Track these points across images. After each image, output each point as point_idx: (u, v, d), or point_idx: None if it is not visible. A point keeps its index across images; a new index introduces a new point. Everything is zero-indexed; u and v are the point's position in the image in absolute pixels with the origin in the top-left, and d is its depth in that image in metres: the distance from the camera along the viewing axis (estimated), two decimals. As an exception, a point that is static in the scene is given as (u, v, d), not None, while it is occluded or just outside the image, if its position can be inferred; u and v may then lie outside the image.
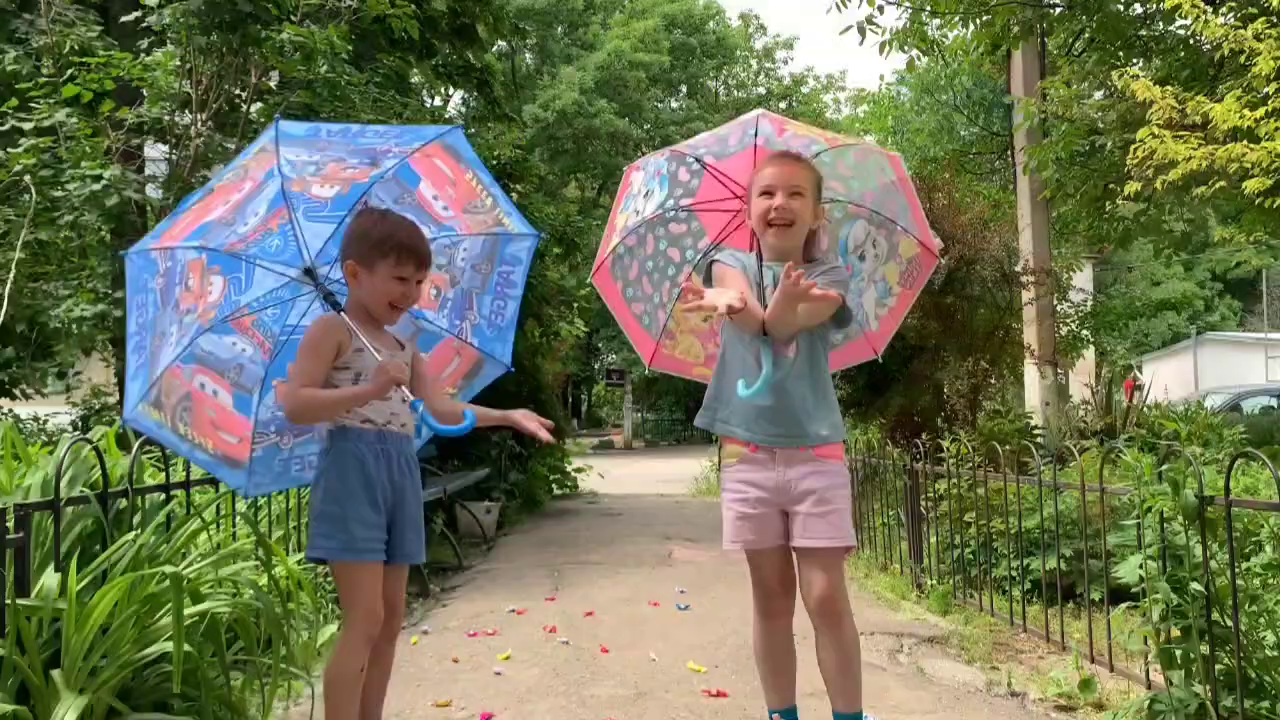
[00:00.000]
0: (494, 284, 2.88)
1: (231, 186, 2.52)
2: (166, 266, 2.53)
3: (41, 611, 2.40)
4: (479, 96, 11.70)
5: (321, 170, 2.56)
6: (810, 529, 2.40)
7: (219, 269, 2.60)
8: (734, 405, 2.46)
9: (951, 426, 6.79)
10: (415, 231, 2.51)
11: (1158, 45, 8.90)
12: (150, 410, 2.54)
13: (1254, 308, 34.84)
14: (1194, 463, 2.79)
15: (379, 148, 2.58)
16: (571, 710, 3.17)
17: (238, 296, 2.66)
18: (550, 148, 27.13)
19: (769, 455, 2.44)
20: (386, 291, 2.44)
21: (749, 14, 39.15)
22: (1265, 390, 18.54)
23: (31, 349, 7.77)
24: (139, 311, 2.53)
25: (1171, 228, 10.73)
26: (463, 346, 2.88)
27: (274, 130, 2.43)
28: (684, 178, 2.76)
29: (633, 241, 2.84)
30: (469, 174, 2.72)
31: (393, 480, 2.47)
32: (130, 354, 2.53)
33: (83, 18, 6.34)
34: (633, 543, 7.06)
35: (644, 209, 2.80)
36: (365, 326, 2.47)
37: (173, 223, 2.54)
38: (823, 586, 2.38)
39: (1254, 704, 2.56)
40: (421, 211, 2.68)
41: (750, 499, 2.45)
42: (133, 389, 2.54)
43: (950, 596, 4.57)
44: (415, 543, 2.53)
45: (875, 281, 2.81)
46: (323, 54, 5.66)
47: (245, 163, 2.52)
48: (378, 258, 2.42)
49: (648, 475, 14.87)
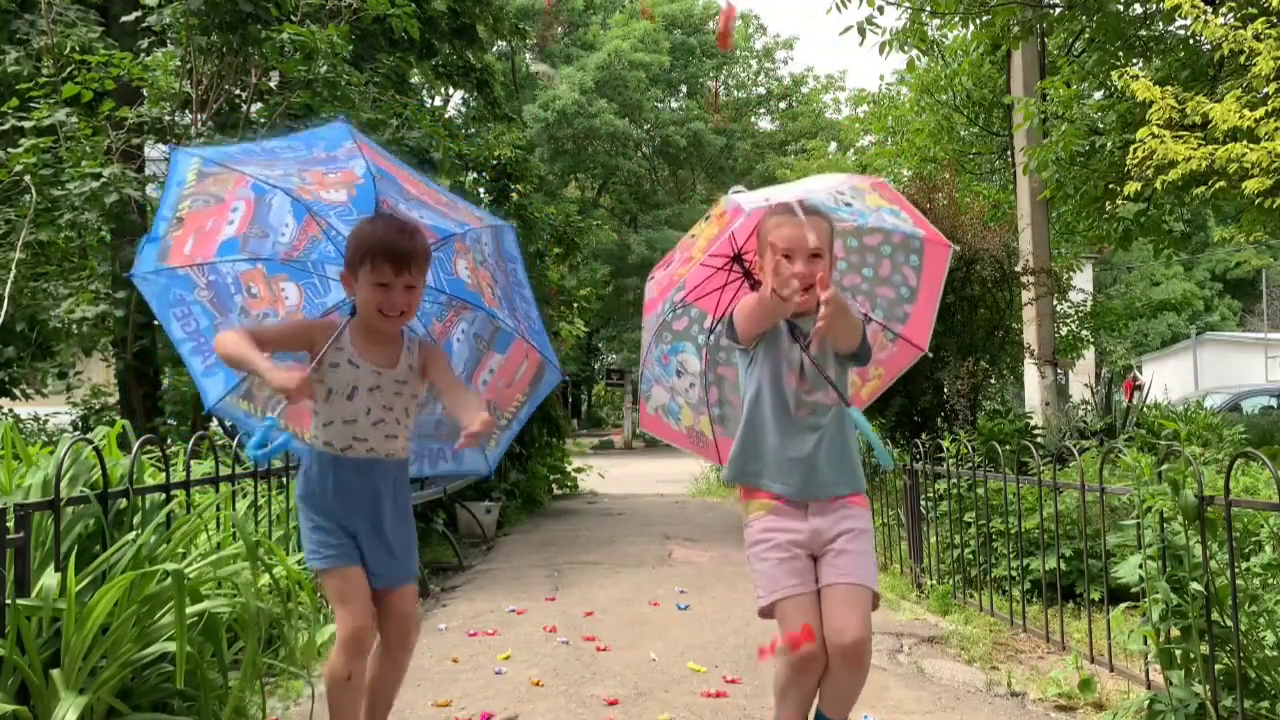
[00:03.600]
0: (513, 283, 2.82)
1: (206, 212, 2.52)
2: (209, 280, 2.59)
3: (41, 611, 2.40)
4: (479, 96, 11.69)
5: (307, 180, 2.54)
6: (846, 564, 2.33)
7: (286, 277, 2.69)
8: (765, 458, 2.41)
9: (951, 426, 6.80)
10: (395, 230, 2.40)
11: (1158, 45, 8.90)
12: (239, 402, 2.69)
13: (1254, 308, 34.85)
14: (1194, 463, 2.79)
15: (314, 155, 2.51)
16: (571, 710, 3.17)
17: (321, 300, 2.74)
18: (550, 148, 27.11)
19: (800, 508, 2.38)
20: (370, 299, 2.37)
21: (749, 14, 39.19)
22: (1265, 390, 18.54)
23: (31, 349, 7.77)
24: (184, 321, 2.59)
25: (1171, 228, 10.73)
26: (529, 349, 2.82)
27: (191, 157, 2.46)
28: (682, 326, 2.85)
29: (716, 394, 2.89)
30: (405, 171, 2.60)
31: (351, 507, 2.40)
32: (189, 355, 2.62)
33: (83, 18, 6.34)
34: (632, 543, 7.06)
35: (694, 372, 2.88)
36: (370, 343, 2.44)
37: (163, 247, 2.52)
38: (858, 630, 2.27)
39: (1254, 704, 2.56)
40: (427, 206, 2.59)
41: (782, 543, 2.36)
42: (211, 384, 2.66)
43: (950, 596, 4.57)
44: (390, 565, 2.44)
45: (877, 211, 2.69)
46: (323, 54, 5.66)
47: (194, 190, 2.48)
48: (358, 265, 2.38)
49: (648, 475, 14.87)
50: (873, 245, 2.78)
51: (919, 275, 2.79)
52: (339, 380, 2.40)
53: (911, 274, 2.80)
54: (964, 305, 7.28)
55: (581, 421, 30.38)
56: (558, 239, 9.59)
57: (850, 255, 2.79)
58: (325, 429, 2.41)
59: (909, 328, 2.86)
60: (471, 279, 2.78)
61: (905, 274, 2.80)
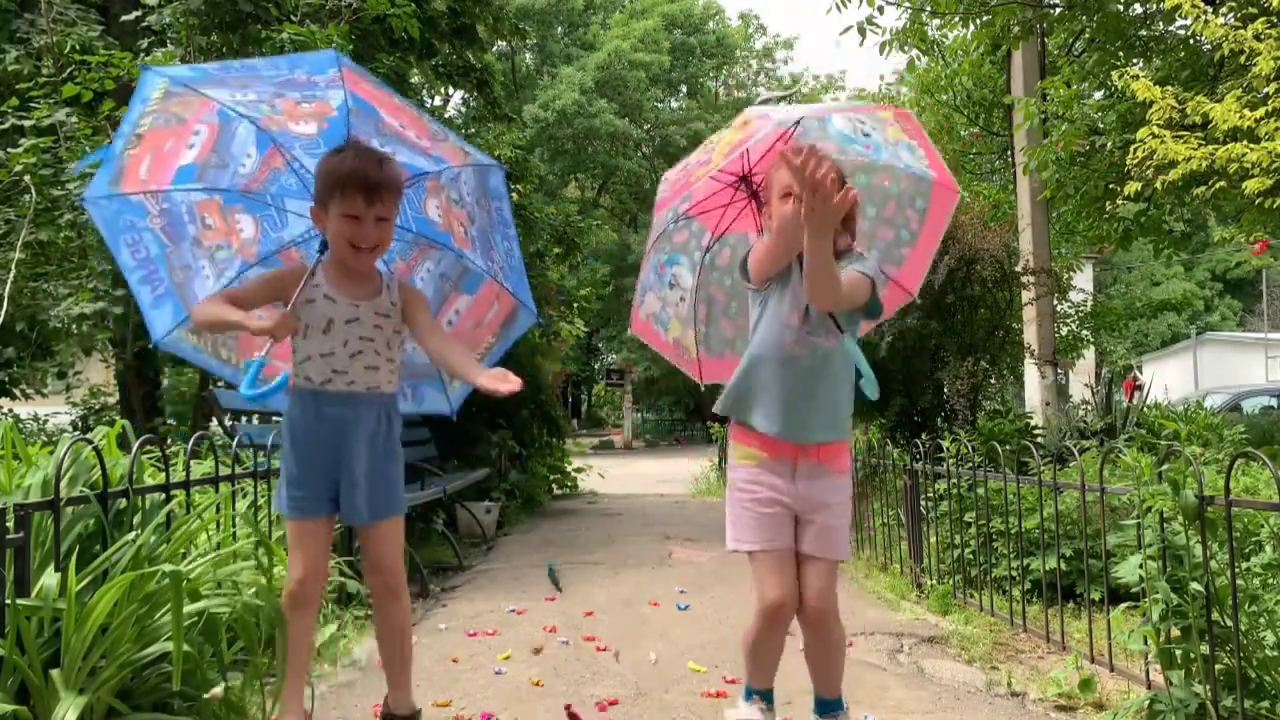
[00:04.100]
0: (496, 221, 2.78)
1: (166, 131, 2.45)
2: (162, 208, 2.52)
3: (41, 611, 2.40)
4: (479, 96, 11.68)
5: (278, 108, 2.50)
6: (822, 540, 2.45)
7: (242, 208, 2.64)
8: (759, 394, 2.44)
9: (951, 426, 6.80)
10: (365, 160, 2.36)
11: (1158, 45, 8.90)
12: (187, 335, 2.64)
13: (1254, 308, 34.86)
14: (1194, 463, 2.78)
15: (295, 78, 2.46)
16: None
17: (278, 234, 2.70)
18: (550, 148, 27.12)
19: (789, 465, 2.45)
20: (340, 232, 2.35)
21: (749, 14, 39.18)
22: (1265, 390, 18.56)
23: (31, 349, 7.78)
24: (133, 248, 2.52)
25: (1171, 228, 10.73)
26: (501, 291, 2.80)
27: (160, 76, 2.39)
28: (682, 239, 2.84)
29: (704, 311, 2.92)
30: (397, 100, 2.57)
31: (332, 439, 2.40)
32: (138, 285, 2.55)
33: (84, 17, 6.34)
34: (633, 543, 7.06)
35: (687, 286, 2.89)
36: (344, 276, 2.44)
37: (117, 168, 2.46)
38: (821, 596, 2.44)
39: (1254, 704, 2.56)
40: (402, 144, 2.55)
41: (763, 499, 2.45)
42: (159, 315, 2.59)
43: (950, 596, 4.57)
44: (366, 501, 2.43)
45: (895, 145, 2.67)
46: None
47: (157, 108, 2.42)
48: (328, 197, 2.36)
49: (648, 475, 14.87)
50: (881, 185, 2.75)
51: (922, 220, 2.77)
52: (314, 315, 2.40)
53: (915, 217, 2.77)
54: (964, 305, 7.28)
55: (581, 421, 30.39)
56: (558, 239, 9.58)
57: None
58: (304, 364, 2.41)
59: (903, 272, 2.86)
60: (442, 219, 2.74)
61: (909, 216, 2.78)
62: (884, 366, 7.32)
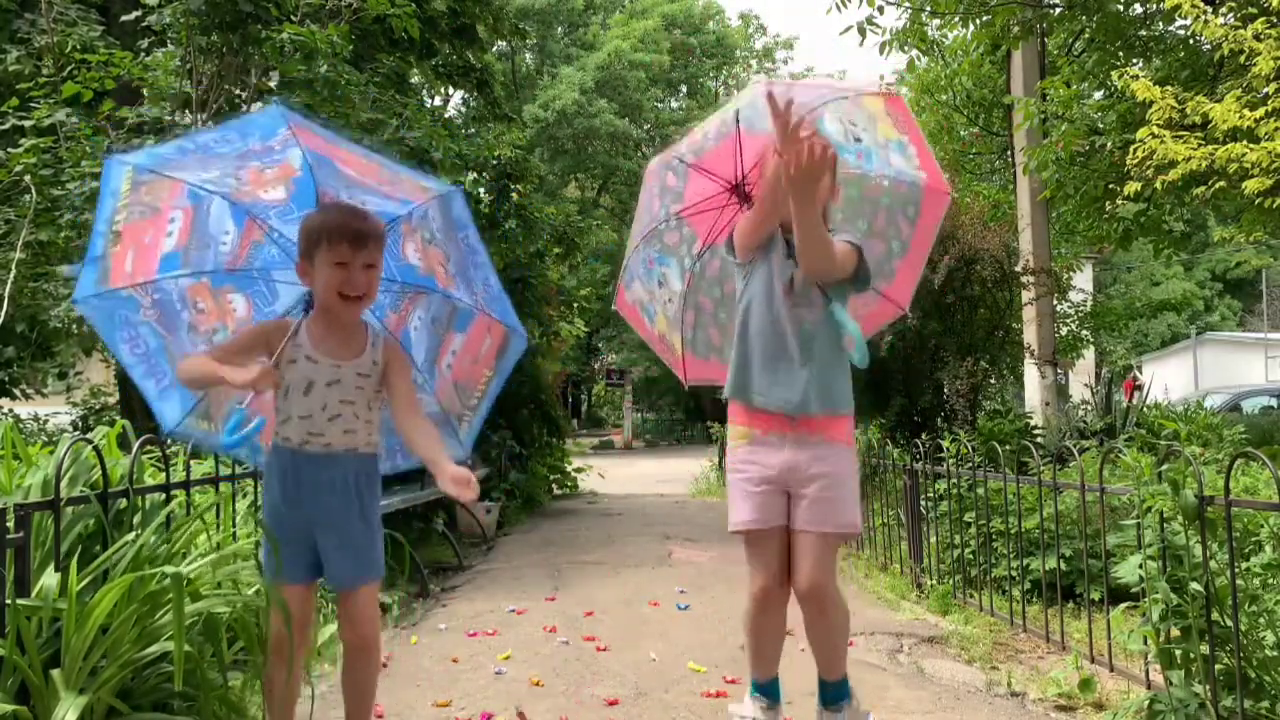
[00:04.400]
0: (466, 252, 2.77)
1: (142, 224, 2.46)
2: (154, 299, 2.52)
3: (41, 611, 2.40)
4: (479, 96, 11.69)
5: (243, 180, 2.51)
6: (815, 513, 2.39)
7: (232, 287, 2.65)
8: (752, 370, 2.44)
9: (951, 426, 6.80)
10: (348, 213, 2.41)
11: (1158, 45, 8.90)
12: (198, 422, 2.66)
13: (1254, 308, 34.86)
14: (1194, 463, 2.78)
15: (251, 147, 2.46)
16: (571, 710, 3.17)
17: (270, 308, 2.71)
18: (550, 148, 27.11)
19: (779, 438, 2.42)
20: (329, 282, 2.36)
21: (749, 14, 39.16)
22: (1265, 390, 18.55)
23: (31, 349, 7.78)
24: (132, 344, 2.53)
25: (1171, 228, 10.73)
26: (491, 322, 2.79)
27: (123, 165, 2.41)
28: (671, 183, 2.77)
29: (692, 317, 2.91)
30: (342, 148, 2.57)
31: (310, 500, 2.39)
32: (141, 380, 2.57)
33: (84, 17, 6.34)
34: (633, 543, 7.06)
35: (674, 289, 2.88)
36: (328, 333, 2.43)
37: (102, 267, 2.46)
38: (811, 573, 2.38)
39: (1254, 704, 2.56)
40: (368, 190, 2.56)
41: (753, 477, 2.43)
42: (167, 408, 2.62)
43: (950, 596, 4.57)
44: (343, 566, 2.42)
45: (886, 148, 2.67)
46: (323, 54, 5.66)
47: (128, 201, 2.43)
48: (314, 250, 2.37)
49: (648, 475, 14.87)
50: (872, 196, 2.74)
51: (913, 227, 2.77)
52: (295, 376, 2.40)
53: (906, 226, 2.76)
54: (964, 305, 7.29)
55: (581, 421, 30.37)
56: (558, 239, 9.58)
57: (848, 207, 2.76)
58: (284, 424, 2.40)
59: (894, 286, 2.86)
60: (422, 262, 2.74)
61: (900, 226, 2.77)
62: (884, 366, 7.32)
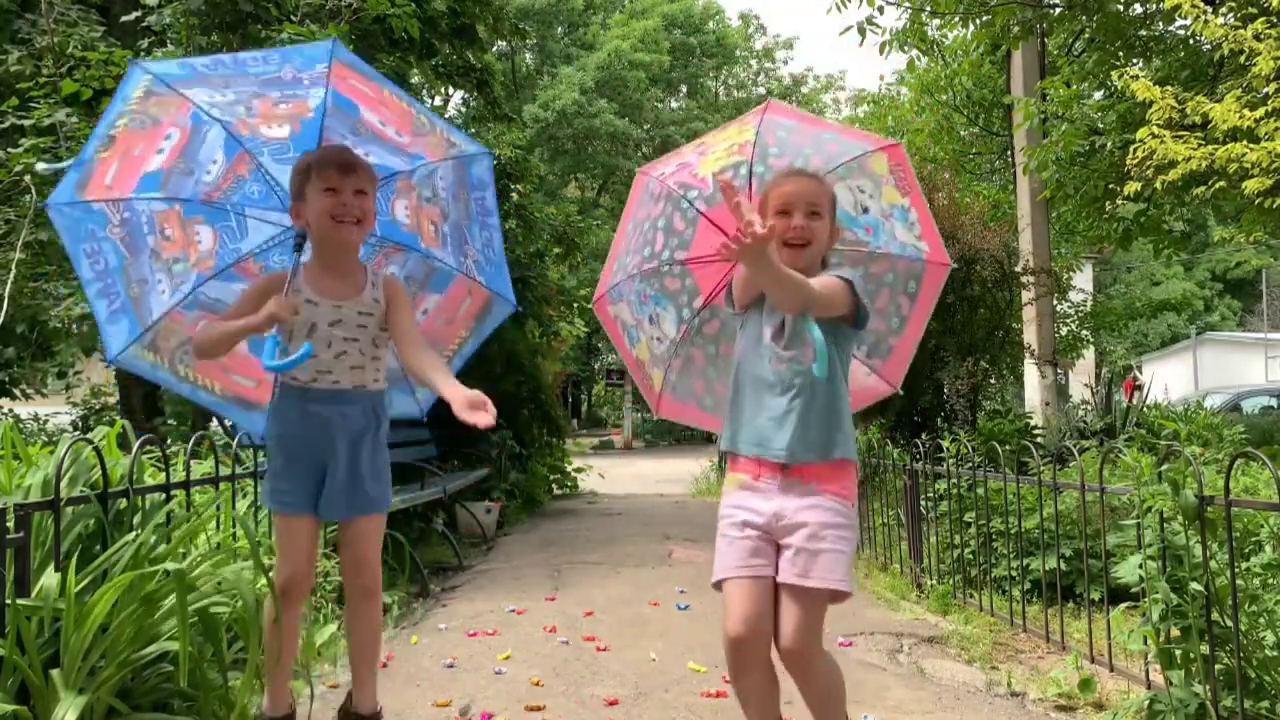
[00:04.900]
0: (475, 212, 2.77)
1: (139, 134, 2.45)
2: (123, 217, 2.50)
3: (41, 611, 2.40)
4: (479, 96, 11.68)
5: (254, 110, 2.50)
6: (797, 565, 2.18)
7: (201, 219, 2.62)
8: (743, 417, 2.34)
9: (951, 426, 6.80)
10: (333, 147, 2.45)
11: (1158, 45, 8.90)
12: (143, 352, 2.60)
13: (1254, 308, 34.87)
14: (1194, 463, 2.79)
15: (282, 75, 2.46)
16: (571, 710, 3.17)
17: (235, 245, 2.69)
18: (550, 148, 27.12)
19: (771, 483, 2.28)
20: (320, 209, 2.37)
21: (749, 14, 39.17)
22: (1265, 390, 18.56)
23: (31, 349, 7.78)
24: (92, 259, 2.50)
25: (1171, 228, 10.73)
26: (473, 285, 2.80)
27: (145, 73, 2.38)
28: (674, 286, 2.76)
29: (680, 364, 2.86)
30: (387, 91, 2.57)
31: (318, 435, 2.42)
32: (94, 298, 2.51)
33: (85, 18, 6.34)
34: (632, 543, 7.06)
35: (666, 333, 2.82)
36: (325, 273, 2.45)
37: (86, 172, 2.44)
38: (791, 634, 2.15)
39: (1254, 704, 2.56)
40: (381, 142, 2.57)
41: (738, 522, 2.27)
42: (114, 331, 2.55)
43: (950, 596, 4.57)
44: (345, 496, 2.43)
45: (890, 217, 2.66)
46: (323, 54, 5.66)
47: (135, 108, 2.41)
48: (304, 184, 2.40)
49: (648, 475, 14.86)
50: (877, 274, 2.72)
51: (913, 303, 2.75)
52: (297, 319, 2.41)
53: (906, 302, 2.77)
54: (964, 305, 7.29)
55: (581, 421, 30.37)
56: (558, 239, 9.58)
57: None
58: (285, 357, 2.41)
59: (888, 365, 2.86)
60: (410, 218, 2.75)
61: (900, 303, 2.76)
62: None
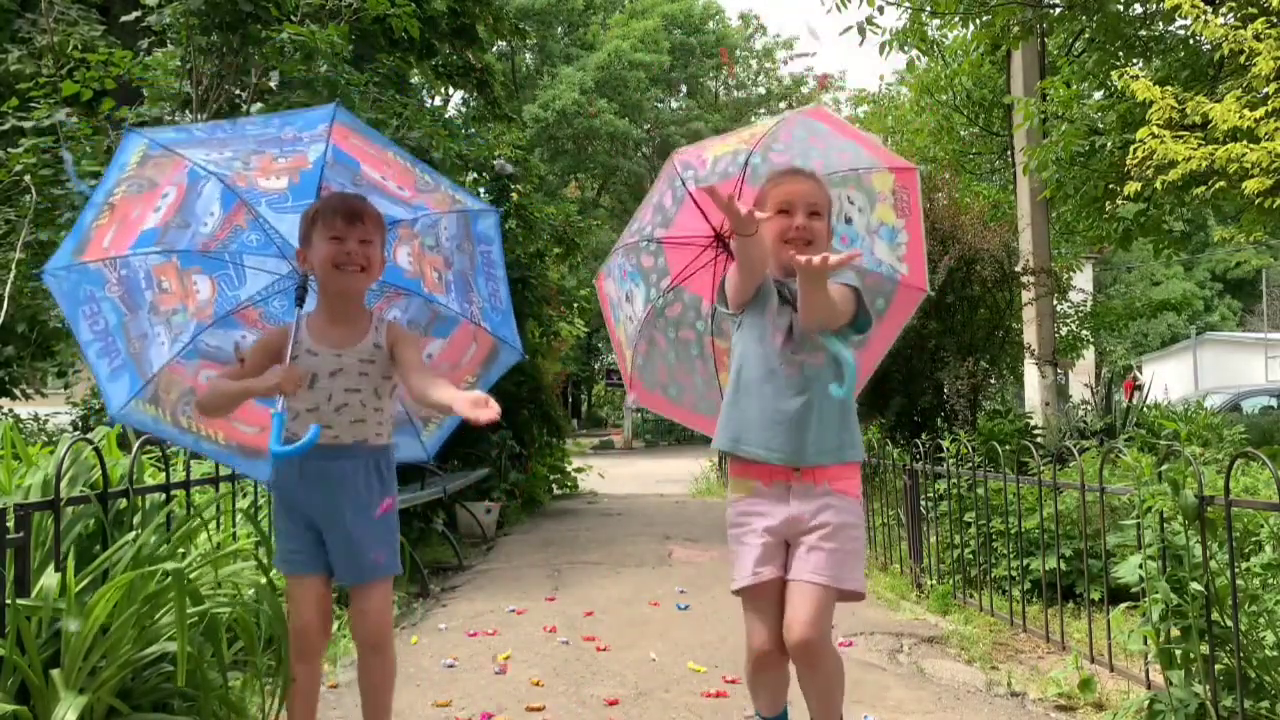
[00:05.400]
0: (480, 264, 2.78)
1: (137, 199, 2.46)
2: (120, 275, 2.49)
3: (41, 611, 2.40)
4: (479, 96, 11.70)
5: (251, 165, 2.51)
6: (811, 562, 2.24)
7: (199, 269, 2.62)
8: (750, 421, 2.32)
9: (951, 426, 6.80)
10: (342, 194, 2.46)
11: (1158, 45, 8.90)
12: (145, 406, 2.58)
13: (1254, 308, 34.87)
14: (1194, 463, 2.79)
15: (282, 136, 2.46)
16: (571, 710, 3.17)
17: (234, 292, 2.68)
18: (550, 148, 27.11)
19: (784, 488, 2.29)
20: (325, 256, 2.36)
21: (749, 14, 39.15)
22: (1265, 390, 18.57)
23: (31, 349, 7.77)
24: (91, 320, 2.49)
25: (1171, 228, 10.73)
26: (478, 331, 2.80)
27: (142, 139, 2.40)
28: (648, 263, 2.74)
29: (644, 348, 2.84)
30: (390, 153, 2.59)
31: (319, 496, 2.39)
32: (95, 359, 2.50)
33: (85, 17, 6.34)
34: (633, 543, 7.06)
35: (635, 312, 2.81)
36: (327, 321, 2.45)
37: (83, 239, 2.44)
38: (803, 628, 2.20)
39: (1254, 704, 2.56)
40: (382, 194, 2.57)
41: (757, 529, 2.29)
42: (116, 389, 2.54)
43: (950, 596, 4.57)
44: (351, 560, 2.42)
45: (875, 233, 2.66)
46: (323, 54, 5.66)
47: (133, 174, 2.42)
48: (311, 231, 2.40)
49: (648, 475, 14.86)
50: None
51: (879, 321, 2.69)
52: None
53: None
54: (964, 305, 7.29)
55: (581, 421, 30.36)
56: (558, 239, 9.58)
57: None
58: (292, 422, 2.39)
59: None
60: (412, 266, 2.76)
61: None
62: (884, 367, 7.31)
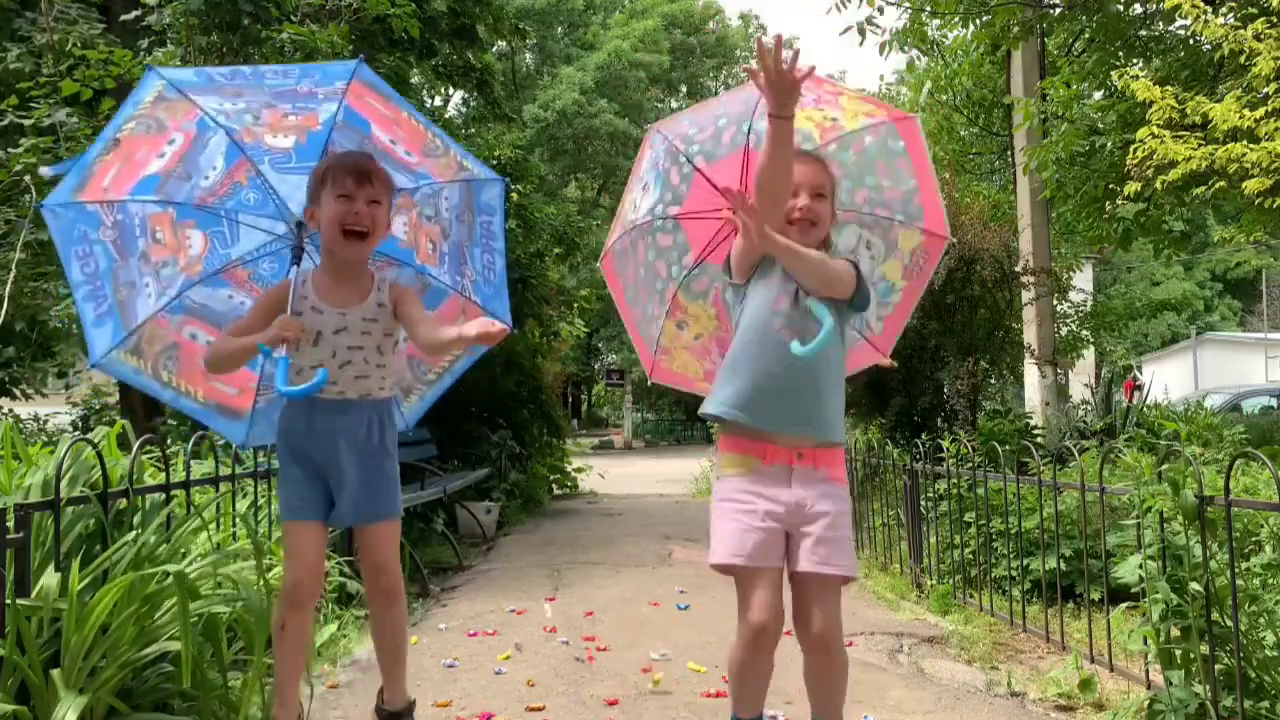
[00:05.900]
0: (479, 235, 2.78)
1: (144, 139, 2.45)
2: (116, 219, 2.49)
3: (41, 611, 2.40)
4: (479, 96, 11.69)
5: (261, 120, 2.51)
6: (822, 554, 2.25)
7: (194, 223, 2.62)
8: (745, 386, 2.30)
9: (951, 426, 6.80)
10: (353, 153, 2.47)
11: (1158, 45, 8.90)
12: (127, 357, 2.59)
13: (1254, 308, 34.88)
14: (1194, 463, 2.78)
15: (298, 89, 2.47)
16: (571, 710, 3.17)
17: (226, 250, 2.68)
18: (550, 148, 27.12)
19: (785, 470, 2.29)
20: (334, 216, 2.38)
21: (749, 14, 39.16)
22: (1265, 390, 18.57)
23: (31, 349, 7.78)
24: (83, 261, 2.49)
25: (1171, 228, 10.73)
26: (467, 304, 2.80)
27: (159, 78, 2.39)
28: (674, 180, 2.72)
29: (627, 243, 2.83)
30: (404, 113, 2.60)
31: (324, 446, 2.43)
32: (82, 301, 2.51)
33: (85, 16, 6.34)
34: (633, 543, 7.06)
35: (640, 206, 2.78)
36: (332, 280, 2.46)
37: (85, 175, 2.44)
38: (824, 620, 2.26)
39: (1254, 704, 2.56)
40: (388, 159, 2.58)
41: (759, 511, 2.27)
42: (98, 335, 2.54)
43: (950, 596, 4.57)
44: (354, 504, 2.45)
45: (873, 284, 2.69)
46: (323, 54, 5.66)
47: (145, 112, 2.42)
48: (320, 190, 2.41)
49: (648, 475, 14.87)
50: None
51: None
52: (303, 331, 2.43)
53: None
54: (964, 305, 7.28)
55: (581, 421, 30.37)
56: (558, 239, 9.58)
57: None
58: (297, 377, 2.42)
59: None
60: (407, 235, 2.75)
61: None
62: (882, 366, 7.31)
